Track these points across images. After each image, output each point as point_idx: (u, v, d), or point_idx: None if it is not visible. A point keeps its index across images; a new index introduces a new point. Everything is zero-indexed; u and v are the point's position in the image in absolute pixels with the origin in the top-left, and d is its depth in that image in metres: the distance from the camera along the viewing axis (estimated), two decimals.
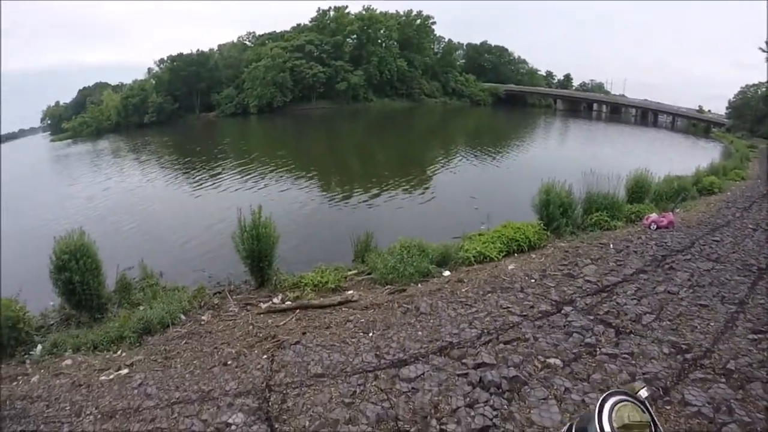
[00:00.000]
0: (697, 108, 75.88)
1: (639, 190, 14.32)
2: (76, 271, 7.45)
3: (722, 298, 6.40)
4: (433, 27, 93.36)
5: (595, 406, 0.83)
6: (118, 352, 6.39)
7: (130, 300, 8.59)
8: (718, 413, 3.79)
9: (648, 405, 0.86)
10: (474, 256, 9.27)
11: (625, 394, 0.87)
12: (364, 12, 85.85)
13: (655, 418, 0.87)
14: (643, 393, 0.92)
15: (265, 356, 5.40)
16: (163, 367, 5.61)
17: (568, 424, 0.91)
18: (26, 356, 6.56)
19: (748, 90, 57.27)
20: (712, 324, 5.54)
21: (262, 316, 7.16)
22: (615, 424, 0.79)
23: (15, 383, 5.61)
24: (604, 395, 0.85)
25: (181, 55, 79.27)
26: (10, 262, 11.27)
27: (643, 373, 4.40)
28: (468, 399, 4.12)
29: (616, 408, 0.81)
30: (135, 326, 6.90)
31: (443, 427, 3.76)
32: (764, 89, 54.12)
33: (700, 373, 4.43)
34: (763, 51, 24.01)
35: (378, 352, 5.13)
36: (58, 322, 7.97)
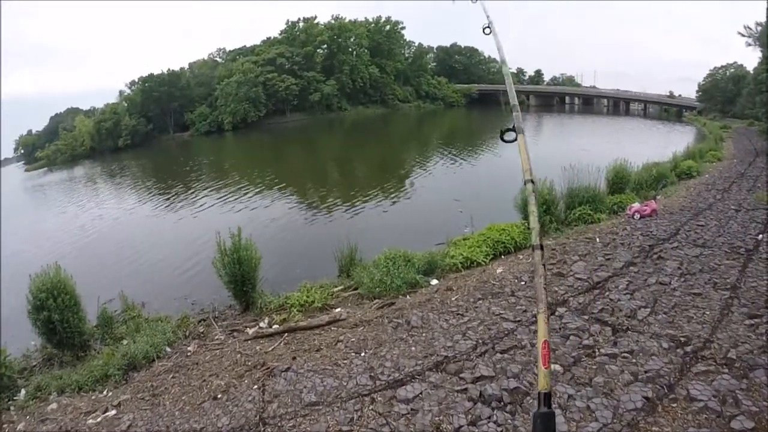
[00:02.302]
0: (668, 93, 77.44)
1: (619, 180, 14.31)
2: (54, 310, 7.11)
3: (714, 284, 6.35)
4: (403, 32, 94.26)
5: None
6: (104, 392, 6.10)
7: (113, 334, 8.23)
8: (724, 406, 3.69)
9: None
10: (461, 262, 9.13)
11: None
12: (333, 21, 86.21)
13: None
14: None
15: (255, 386, 5.18)
16: (152, 405, 5.37)
17: None
18: (10, 402, 6.25)
19: (717, 72, 59.70)
20: (707, 313, 5.47)
21: (249, 342, 6.90)
22: None
23: None
24: None
25: (152, 75, 78.70)
26: None
27: (645, 371, 4.29)
28: (470, 416, 3.96)
29: None
30: (119, 363, 6.61)
31: None
32: (732, 70, 55.93)
33: (702, 366, 4.34)
34: (743, 36, 24.57)
35: (372, 373, 4.94)
36: (40, 363, 7.63)
